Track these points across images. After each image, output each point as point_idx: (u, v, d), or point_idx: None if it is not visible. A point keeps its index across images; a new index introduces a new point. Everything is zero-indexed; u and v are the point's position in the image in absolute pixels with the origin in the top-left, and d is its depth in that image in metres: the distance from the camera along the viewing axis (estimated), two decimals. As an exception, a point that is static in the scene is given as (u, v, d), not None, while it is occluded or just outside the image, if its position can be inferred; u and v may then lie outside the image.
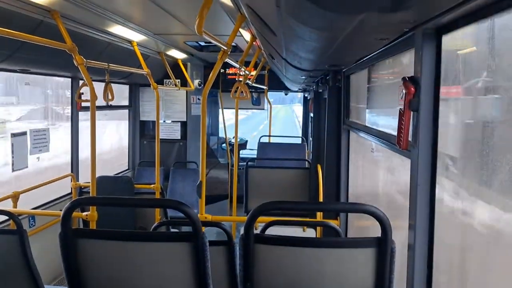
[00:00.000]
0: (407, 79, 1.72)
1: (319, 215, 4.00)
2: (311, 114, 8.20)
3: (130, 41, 4.97)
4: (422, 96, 1.66)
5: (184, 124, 7.93)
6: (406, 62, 2.05)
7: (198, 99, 7.92)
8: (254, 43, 3.79)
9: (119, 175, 6.94)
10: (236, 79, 6.74)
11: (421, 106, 1.67)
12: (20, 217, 2.56)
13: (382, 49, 2.11)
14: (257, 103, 9.72)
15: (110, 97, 4.35)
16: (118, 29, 4.29)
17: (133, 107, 7.76)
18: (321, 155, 5.31)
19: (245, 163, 5.22)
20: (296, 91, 9.91)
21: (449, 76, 1.60)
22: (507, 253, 1.23)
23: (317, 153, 6.16)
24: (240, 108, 5.86)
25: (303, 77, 4.77)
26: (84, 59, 3.50)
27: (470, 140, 1.47)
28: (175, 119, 7.93)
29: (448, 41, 1.60)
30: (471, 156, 1.45)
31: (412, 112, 1.71)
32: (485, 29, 1.32)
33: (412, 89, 1.68)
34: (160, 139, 5.50)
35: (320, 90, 5.60)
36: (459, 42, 1.54)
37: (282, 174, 5.07)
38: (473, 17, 1.37)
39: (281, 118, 33.89)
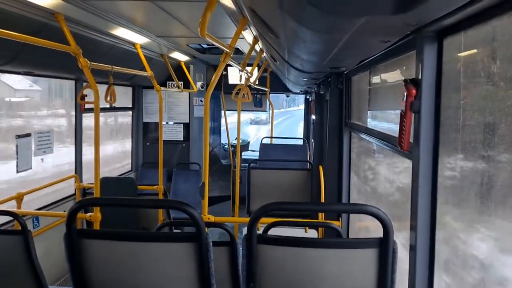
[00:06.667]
0: (409, 81, 1.74)
1: (321, 216, 4.01)
2: (313, 116, 8.21)
3: (133, 44, 5.00)
4: (423, 98, 1.68)
5: (186, 126, 7.96)
6: (407, 64, 2.07)
7: (201, 101, 7.95)
8: (256, 45, 3.81)
9: (122, 176, 6.97)
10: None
11: (422, 108, 1.68)
12: (24, 218, 2.58)
13: (384, 51, 2.12)
14: (259, 105, 9.74)
15: (112, 99, 4.38)
16: (121, 32, 4.31)
17: (136, 109, 7.80)
18: (323, 156, 5.32)
19: (247, 164, 5.23)
20: (298, 93, 9.92)
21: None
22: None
23: (318, 154, 6.17)
24: (242, 110, 5.88)
25: (305, 79, 4.78)
26: (88, 62, 3.53)
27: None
28: (177, 120, 7.97)
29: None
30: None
31: (413, 114, 1.72)
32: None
33: (414, 91, 1.69)
34: (163, 140, 5.53)
35: (322, 92, 5.62)
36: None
37: (284, 175, 5.08)
38: (475, 20, 1.38)
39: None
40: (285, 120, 31.89)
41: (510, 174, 1.23)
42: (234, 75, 8.12)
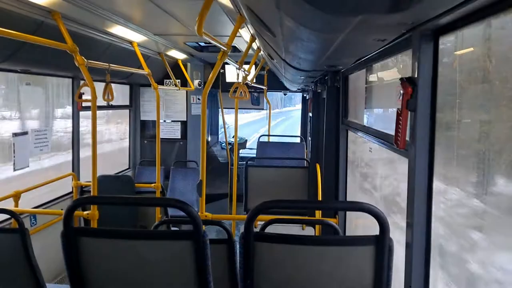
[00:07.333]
0: (405, 79, 1.74)
1: (318, 214, 4.03)
2: (310, 114, 8.23)
3: (130, 42, 4.99)
4: (419, 96, 1.69)
5: (184, 124, 7.96)
6: (403, 62, 2.08)
7: (198, 99, 7.95)
8: (253, 43, 3.82)
9: (120, 174, 6.96)
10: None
11: (418, 106, 1.69)
12: (21, 216, 2.59)
13: (380, 49, 2.13)
14: (256, 103, 9.75)
15: (110, 97, 4.37)
16: (118, 30, 4.31)
17: (133, 107, 7.79)
18: (320, 154, 5.34)
19: (244, 162, 5.24)
20: (295, 91, 9.93)
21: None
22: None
23: (315, 152, 6.19)
24: (240, 108, 5.89)
25: (302, 77, 4.79)
26: (85, 60, 3.52)
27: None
28: (175, 118, 7.97)
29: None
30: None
31: (409, 112, 1.73)
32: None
33: (410, 89, 1.70)
34: (161, 138, 5.53)
35: (319, 90, 5.63)
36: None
37: (281, 173, 5.10)
38: (470, 19, 1.39)
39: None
40: (280, 124, 23.83)
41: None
42: (232, 73, 8.11)
